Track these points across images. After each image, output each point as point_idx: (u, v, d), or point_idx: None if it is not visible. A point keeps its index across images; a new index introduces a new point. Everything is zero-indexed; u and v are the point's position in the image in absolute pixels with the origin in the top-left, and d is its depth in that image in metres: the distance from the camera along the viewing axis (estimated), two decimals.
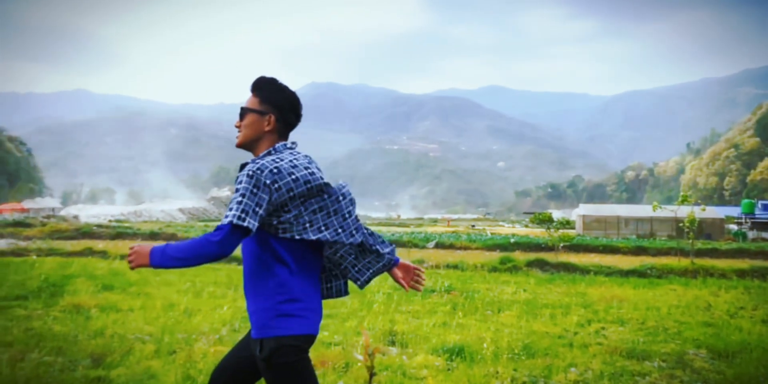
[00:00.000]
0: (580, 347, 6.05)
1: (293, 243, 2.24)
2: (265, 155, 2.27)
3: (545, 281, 13.14)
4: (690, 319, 7.94)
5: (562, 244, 21.15)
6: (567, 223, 23.45)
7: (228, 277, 11.76)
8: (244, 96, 2.49)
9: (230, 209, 2.09)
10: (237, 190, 2.11)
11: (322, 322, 7.10)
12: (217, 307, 7.92)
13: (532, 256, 18.85)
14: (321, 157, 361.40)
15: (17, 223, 35.78)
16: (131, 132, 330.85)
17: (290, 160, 2.22)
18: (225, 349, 5.48)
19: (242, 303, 8.51)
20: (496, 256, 19.49)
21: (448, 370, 5.08)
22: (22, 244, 24.28)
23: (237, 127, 2.36)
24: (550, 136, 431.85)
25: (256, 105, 2.34)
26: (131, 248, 2.15)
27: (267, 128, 2.32)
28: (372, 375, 2.49)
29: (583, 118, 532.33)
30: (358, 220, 2.36)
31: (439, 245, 25.95)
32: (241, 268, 15.73)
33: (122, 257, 17.33)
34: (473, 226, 57.13)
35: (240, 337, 6.17)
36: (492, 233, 36.93)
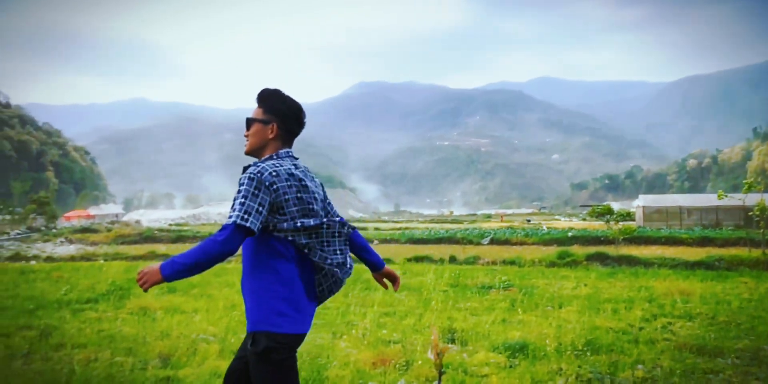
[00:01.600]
0: (647, 343, 5.85)
1: (289, 244, 2.33)
2: (267, 159, 2.42)
3: (606, 275, 12.81)
4: (764, 314, 7.57)
5: (622, 237, 20.54)
6: (627, 215, 22.77)
7: None
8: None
9: (233, 210, 2.22)
10: (239, 192, 2.24)
11: (381, 319, 7.15)
12: None
13: (592, 249, 18.43)
14: (371, 156, 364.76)
15: (84, 230, 37.38)
16: (187, 138, 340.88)
17: (288, 168, 2.36)
18: None
19: None
20: (553, 250, 19.15)
21: (510, 367, 5.00)
22: (90, 249, 25.36)
23: (245, 136, 2.51)
24: (606, 127, 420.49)
25: (260, 115, 2.49)
26: (139, 272, 2.20)
27: (271, 136, 2.46)
28: (441, 373, 2.47)
29: (639, 106, 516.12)
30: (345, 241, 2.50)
31: (494, 241, 25.69)
32: None
33: None
34: (528, 220, 56.23)
35: None
36: (548, 227, 36.27)
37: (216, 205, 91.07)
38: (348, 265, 2.50)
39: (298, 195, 2.33)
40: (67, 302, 8.74)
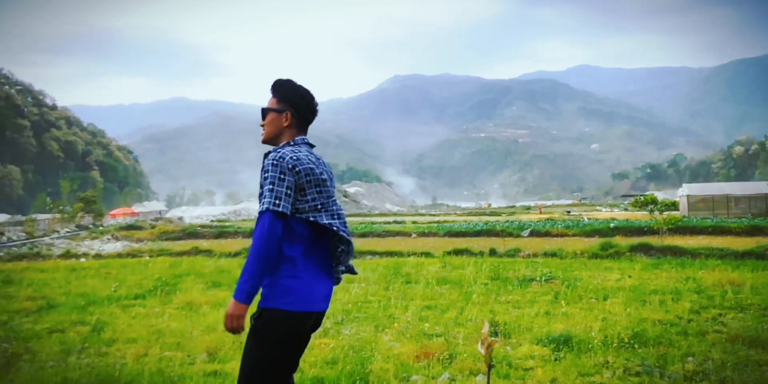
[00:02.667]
0: (696, 335, 5.71)
1: (306, 227, 2.42)
2: (285, 145, 2.52)
3: (651, 266, 12.54)
4: None
5: (667, 227, 20.03)
6: (672, 205, 22.18)
7: None
8: (331, 94, 2.62)
9: (264, 197, 2.33)
10: (265, 179, 2.35)
11: (422, 313, 7.14)
12: None
13: (635, 240, 18.06)
14: (408, 150, 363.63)
15: (129, 227, 38.30)
16: (227, 135, 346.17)
17: (307, 154, 2.50)
18: (331, 342, 5.61)
19: (342, 295, 8.69)
20: (596, 242, 18.82)
21: (556, 360, 4.95)
22: (136, 245, 25.98)
23: (261, 125, 2.64)
24: (647, 115, 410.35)
25: (274, 104, 2.61)
26: (225, 324, 2.34)
27: (285, 124, 2.59)
28: (490, 367, 2.46)
29: (682, 93, 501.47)
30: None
31: (534, 233, 25.39)
32: None
33: (227, 255, 18.17)
34: (568, 212, 55.40)
35: (342, 329, 6.29)
36: (589, 218, 35.68)
37: (256, 200, 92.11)
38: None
39: (318, 177, 2.44)
40: (117, 298, 8.99)
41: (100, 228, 40.39)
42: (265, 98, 2.69)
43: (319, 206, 2.43)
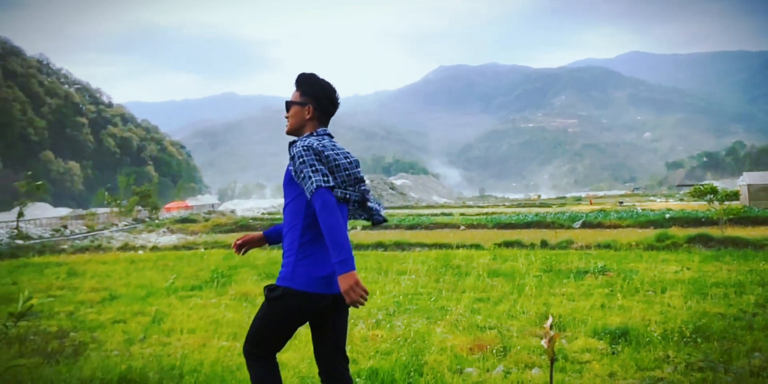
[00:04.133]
0: (762, 330, 5.50)
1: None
2: (308, 136, 2.65)
3: (711, 258, 12.12)
4: None
5: (727, 218, 19.30)
6: (734, 195, 21.33)
7: (377, 263, 12.09)
8: (377, 87, 2.60)
9: (309, 178, 2.41)
10: (303, 163, 2.45)
11: (474, 305, 7.11)
12: (370, 293, 8.14)
13: (693, 231, 17.51)
14: (454, 141, 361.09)
15: (184, 220, 39.36)
16: (275, 129, 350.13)
17: (331, 143, 2.61)
18: (382, 333, 5.65)
19: (392, 287, 8.73)
20: (651, 233, 18.34)
21: (613, 353, 4.85)
22: (190, 238, 26.70)
23: (286, 117, 2.77)
24: (703, 101, 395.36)
25: (298, 98, 2.74)
26: (349, 298, 2.36)
27: (308, 116, 2.71)
28: (553, 360, 2.44)
29: (740, 78, 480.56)
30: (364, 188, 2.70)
31: (586, 224, 24.91)
32: (387, 253, 15.95)
33: (279, 247, 18.44)
34: (621, 202, 53.98)
35: (394, 320, 6.32)
36: (643, 209, 34.74)
37: None
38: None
39: (342, 162, 2.55)
40: (175, 290, 9.25)
41: (156, 221, 41.64)
42: None
43: (347, 195, 2.56)
